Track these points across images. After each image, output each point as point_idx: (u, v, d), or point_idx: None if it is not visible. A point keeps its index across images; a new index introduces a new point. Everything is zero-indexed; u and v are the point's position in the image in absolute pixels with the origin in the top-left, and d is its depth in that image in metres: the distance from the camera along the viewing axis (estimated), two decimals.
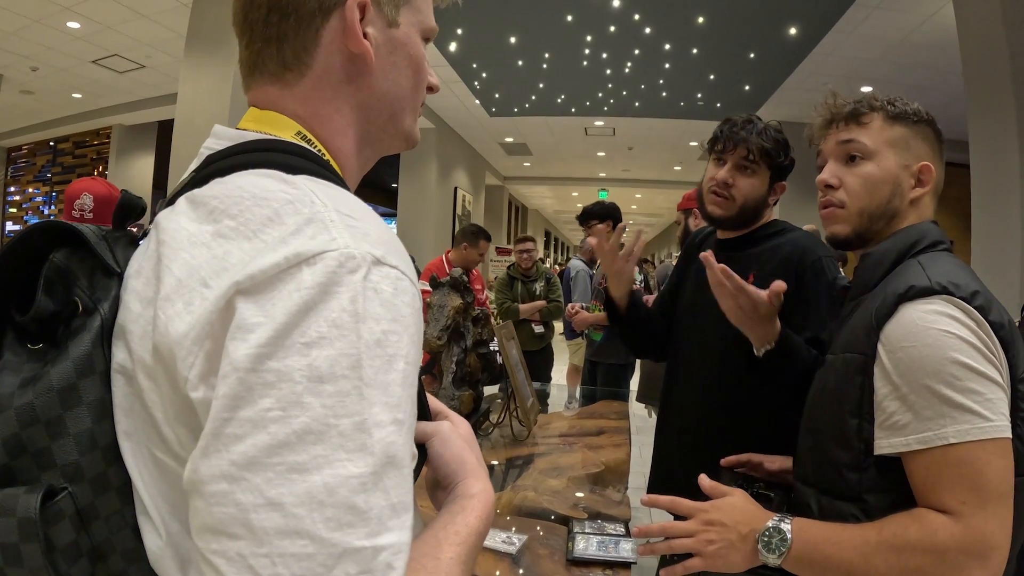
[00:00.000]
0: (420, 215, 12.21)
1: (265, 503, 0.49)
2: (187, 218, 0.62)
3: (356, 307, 0.54)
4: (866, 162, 1.32)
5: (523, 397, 2.78)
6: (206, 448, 0.51)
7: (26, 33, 7.92)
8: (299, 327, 0.52)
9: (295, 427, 0.50)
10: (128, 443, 0.60)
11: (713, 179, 1.94)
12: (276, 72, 0.75)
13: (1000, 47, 4.76)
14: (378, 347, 0.54)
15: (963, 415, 1.04)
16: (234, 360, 0.51)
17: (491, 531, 1.80)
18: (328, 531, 0.49)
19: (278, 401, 0.50)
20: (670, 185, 18.16)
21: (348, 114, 0.79)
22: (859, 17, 6.74)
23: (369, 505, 0.51)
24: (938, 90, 8.23)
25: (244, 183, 0.62)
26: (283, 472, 0.49)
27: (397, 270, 0.59)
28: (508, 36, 8.28)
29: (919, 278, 1.15)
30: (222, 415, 0.50)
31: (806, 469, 1.33)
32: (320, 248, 0.55)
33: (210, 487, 0.50)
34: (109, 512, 0.58)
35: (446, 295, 2.72)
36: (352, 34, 0.74)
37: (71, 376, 0.58)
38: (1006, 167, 4.78)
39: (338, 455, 0.50)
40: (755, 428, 1.74)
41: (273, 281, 0.53)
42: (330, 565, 0.48)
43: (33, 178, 13.60)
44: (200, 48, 6.20)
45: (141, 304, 0.61)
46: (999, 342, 1.09)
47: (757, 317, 1.56)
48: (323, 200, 0.60)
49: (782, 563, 1.15)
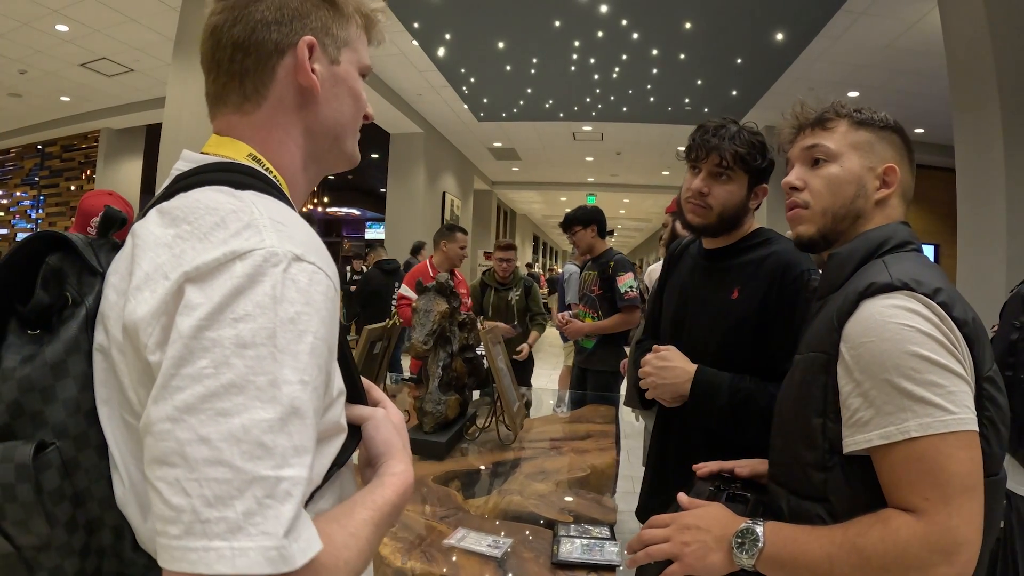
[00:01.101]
0: (408, 220, 12.22)
1: (197, 439, 0.61)
2: (155, 225, 0.76)
3: (275, 292, 0.68)
4: (830, 164, 1.34)
5: (509, 401, 2.78)
6: (156, 397, 0.64)
7: (14, 36, 7.91)
8: (230, 306, 0.66)
9: (223, 381, 0.63)
10: (104, 408, 0.75)
11: (689, 188, 1.94)
12: (237, 103, 0.91)
13: (985, 53, 4.82)
14: (291, 323, 0.68)
15: (924, 408, 1.04)
16: (180, 330, 0.65)
17: (476, 534, 1.81)
18: (242, 461, 0.62)
19: (211, 362, 0.63)
20: (658, 190, 18.25)
21: (297, 137, 0.95)
22: (845, 23, 6.79)
23: (275, 444, 0.64)
24: (924, 95, 8.30)
25: (200, 196, 0.76)
26: (212, 415, 0.62)
27: (314, 266, 0.73)
28: (496, 41, 8.30)
29: (881, 275, 1.15)
30: (170, 371, 0.63)
31: (777, 469, 1.34)
32: (252, 247, 0.69)
33: (157, 426, 0.62)
34: (88, 465, 0.73)
35: (432, 300, 2.72)
36: (302, 69, 0.90)
37: (61, 354, 0.73)
38: (991, 170, 4.83)
39: (254, 404, 0.64)
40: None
41: (213, 271, 0.67)
42: (243, 488, 0.61)
43: (20, 181, 13.57)
44: (188, 52, 6.21)
45: (117, 295, 0.75)
46: (963, 338, 1.09)
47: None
48: (260, 210, 0.74)
49: (755, 564, 1.16)
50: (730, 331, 1.87)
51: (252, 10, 0.89)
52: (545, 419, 3.56)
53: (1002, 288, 4.45)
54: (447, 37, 8.16)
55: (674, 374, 1.85)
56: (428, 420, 2.61)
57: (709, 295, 1.96)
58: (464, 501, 2.14)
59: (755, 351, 1.82)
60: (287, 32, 0.90)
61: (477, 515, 2.02)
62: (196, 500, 0.60)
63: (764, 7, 6.74)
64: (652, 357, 1.92)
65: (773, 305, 1.80)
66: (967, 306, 1.13)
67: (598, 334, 4.65)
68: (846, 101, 1.39)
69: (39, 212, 13.15)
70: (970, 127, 5.12)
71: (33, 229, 13.17)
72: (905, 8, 6.28)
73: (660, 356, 1.91)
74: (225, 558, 0.59)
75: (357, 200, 23.50)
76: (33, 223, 13.25)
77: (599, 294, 4.69)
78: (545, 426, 3.30)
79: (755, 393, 1.74)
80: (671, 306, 2.12)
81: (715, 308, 1.92)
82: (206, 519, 0.60)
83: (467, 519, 1.97)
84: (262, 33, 0.89)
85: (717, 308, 1.92)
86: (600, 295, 4.67)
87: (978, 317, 1.14)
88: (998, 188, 4.73)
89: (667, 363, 1.88)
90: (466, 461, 2.59)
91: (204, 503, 0.60)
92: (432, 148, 12.83)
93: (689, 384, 1.83)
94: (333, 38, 0.95)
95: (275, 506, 0.62)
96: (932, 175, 9.92)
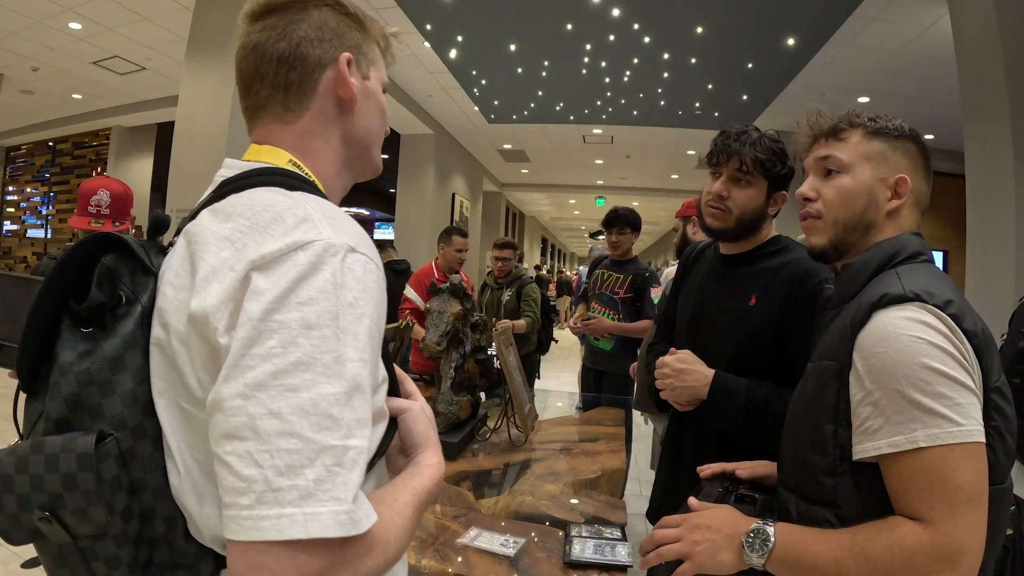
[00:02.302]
0: (418, 221, 12.23)
1: (268, 413, 0.66)
2: (209, 222, 0.81)
3: (336, 278, 0.74)
4: (841, 175, 1.35)
5: (520, 403, 2.79)
6: (226, 376, 0.69)
7: (27, 33, 7.95)
8: (295, 291, 0.71)
9: (291, 359, 0.69)
10: (161, 399, 0.79)
11: (709, 192, 1.96)
12: (280, 113, 0.98)
13: (996, 59, 4.80)
14: (350, 307, 0.74)
15: (933, 419, 1.05)
16: (249, 313, 0.70)
17: (489, 534, 1.83)
18: (312, 432, 0.67)
19: (280, 342, 0.69)
20: (667, 193, 18.19)
21: (336, 146, 1.02)
22: (857, 28, 6.78)
23: (342, 415, 0.69)
24: (935, 101, 8.27)
25: (255, 196, 0.83)
26: (282, 391, 0.67)
27: (366, 256, 0.80)
28: (508, 43, 8.31)
29: (894, 286, 1.16)
30: (240, 351, 0.69)
31: (787, 475, 1.35)
32: (311, 238, 0.75)
33: (228, 403, 0.67)
34: (144, 455, 0.78)
35: (446, 302, 2.74)
36: (344, 82, 0.98)
37: (119, 349, 0.78)
38: (1001, 177, 4.82)
39: (321, 379, 0.69)
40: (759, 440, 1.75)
41: (278, 260, 0.73)
42: (313, 457, 0.66)
43: (32, 178, 13.63)
44: (201, 51, 6.23)
45: (174, 290, 0.80)
46: (972, 350, 1.10)
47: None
48: (313, 207, 0.80)
49: (764, 563, 1.17)
50: (747, 337, 1.88)
51: (294, 28, 0.96)
52: (555, 420, 3.57)
53: (1011, 294, 4.44)
54: (459, 39, 8.17)
55: (693, 377, 1.87)
56: (440, 420, 2.62)
57: (726, 301, 1.97)
58: (476, 501, 2.15)
59: (771, 358, 1.83)
60: (328, 48, 0.97)
61: (489, 515, 2.04)
62: (268, 470, 0.65)
63: (775, 12, 6.73)
64: (671, 359, 1.93)
65: (790, 313, 1.81)
66: (977, 318, 1.15)
67: (620, 335, 4.62)
68: (861, 110, 1.40)
69: (49, 209, 13.20)
70: (980, 134, 5.10)
71: (43, 225, 13.24)
72: (916, 14, 6.27)
73: (679, 358, 1.92)
74: (297, 523, 0.64)
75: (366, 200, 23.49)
76: (43, 219, 13.31)
77: (624, 298, 4.67)
78: (555, 428, 3.32)
79: (771, 399, 1.76)
80: (687, 310, 2.13)
81: (732, 314, 1.93)
82: (278, 487, 0.64)
83: (479, 519, 1.99)
84: (306, 48, 0.96)
85: (734, 314, 1.93)
86: (626, 299, 4.65)
87: (987, 328, 1.15)
88: (1008, 195, 4.72)
89: (686, 365, 1.89)
90: (477, 462, 2.61)
91: (276, 472, 0.65)
92: (442, 149, 12.84)
93: (707, 388, 1.85)
94: (364, 56, 1.03)
95: (343, 473, 0.67)
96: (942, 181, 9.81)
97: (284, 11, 0.97)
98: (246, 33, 0.98)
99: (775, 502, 1.39)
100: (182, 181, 6.16)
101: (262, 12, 0.97)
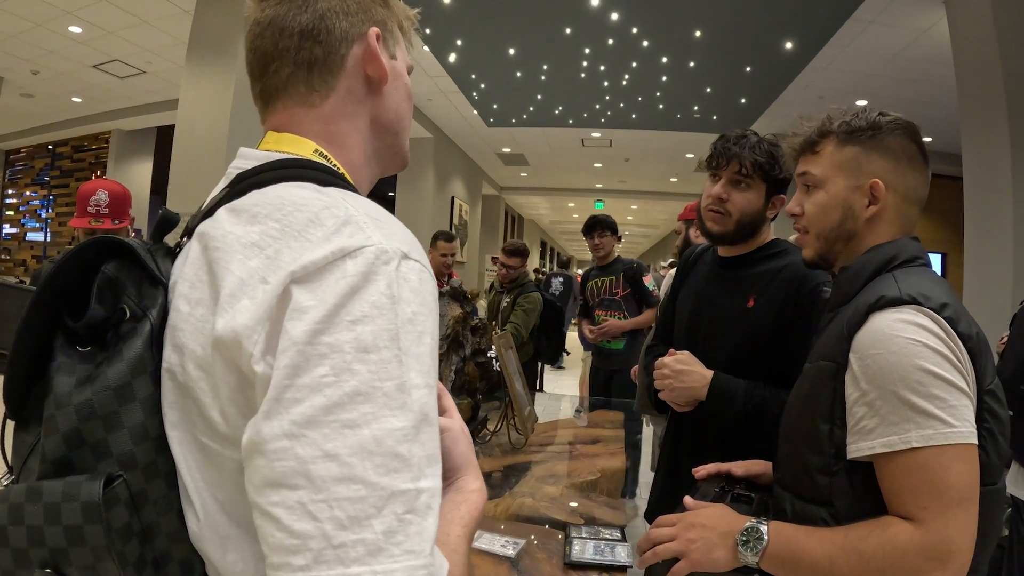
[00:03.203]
0: (417, 224, 12.21)
1: (323, 455, 0.56)
2: (231, 224, 0.70)
3: (392, 291, 0.63)
4: (818, 190, 1.39)
5: (520, 406, 2.80)
6: (268, 412, 0.58)
7: (27, 36, 7.94)
8: (346, 307, 0.60)
9: (346, 390, 0.58)
10: (175, 432, 0.68)
11: (709, 195, 1.97)
12: (303, 94, 0.86)
13: (993, 62, 4.83)
14: (411, 324, 0.63)
15: (927, 420, 1.07)
16: (292, 336, 0.59)
17: (490, 535, 1.84)
18: (378, 476, 0.57)
19: (331, 369, 0.58)
20: (666, 197, 18.20)
21: (364, 129, 0.90)
22: (854, 32, 6.80)
23: (411, 454, 0.59)
24: (932, 103, 8.30)
25: (283, 192, 0.71)
26: (337, 428, 0.57)
27: (420, 263, 0.68)
28: (507, 47, 8.32)
29: (890, 289, 1.18)
30: (283, 382, 0.58)
31: (783, 473, 1.36)
32: (359, 244, 0.64)
33: (272, 445, 0.57)
34: (157, 496, 0.67)
35: (446, 305, 2.76)
36: (374, 58, 0.87)
37: (126, 376, 0.66)
38: (998, 179, 4.84)
39: (383, 412, 0.59)
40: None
41: (322, 271, 0.62)
42: (380, 506, 0.56)
43: (31, 181, 13.61)
44: (202, 55, 6.23)
45: (189, 305, 0.69)
46: (967, 352, 1.12)
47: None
48: (355, 206, 0.69)
49: (759, 561, 1.19)
50: (745, 339, 1.89)
51: (317, 0, 0.85)
52: (555, 423, 3.58)
53: (1009, 296, 4.46)
54: (458, 43, 8.18)
55: (692, 379, 1.88)
56: None
57: (725, 303, 1.99)
58: None
59: (769, 359, 1.85)
60: (355, 22, 0.87)
61: (489, 517, 2.05)
62: (326, 523, 0.55)
63: (774, 16, 6.75)
64: (670, 360, 1.94)
65: (789, 315, 1.82)
66: (972, 321, 1.17)
67: (632, 331, 4.82)
68: (836, 113, 1.40)
69: (49, 212, 13.19)
70: (978, 136, 5.13)
71: (42, 228, 13.23)
72: (914, 17, 6.28)
73: (678, 359, 1.93)
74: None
75: None
76: (43, 223, 13.30)
77: (625, 294, 4.87)
78: (555, 430, 3.33)
79: (769, 400, 1.77)
80: (685, 312, 2.14)
81: (731, 316, 1.95)
82: (340, 543, 0.55)
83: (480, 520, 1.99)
84: (332, 20, 0.85)
85: (733, 316, 1.94)
86: (626, 295, 4.86)
87: (982, 332, 1.17)
88: (1005, 197, 4.74)
89: (685, 367, 1.90)
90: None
91: (336, 526, 0.55)
92: (441, 153, 12.84)
93: (705, 389, 1.86)
94: (391, 34, 0.93)
95: (417, 521, 0.58)
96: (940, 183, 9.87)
97: None
98: (259, 9, 0.87)
99: (771, 501, 1.40)
100: (182, 185, 6.16)
101: None
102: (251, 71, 0.89)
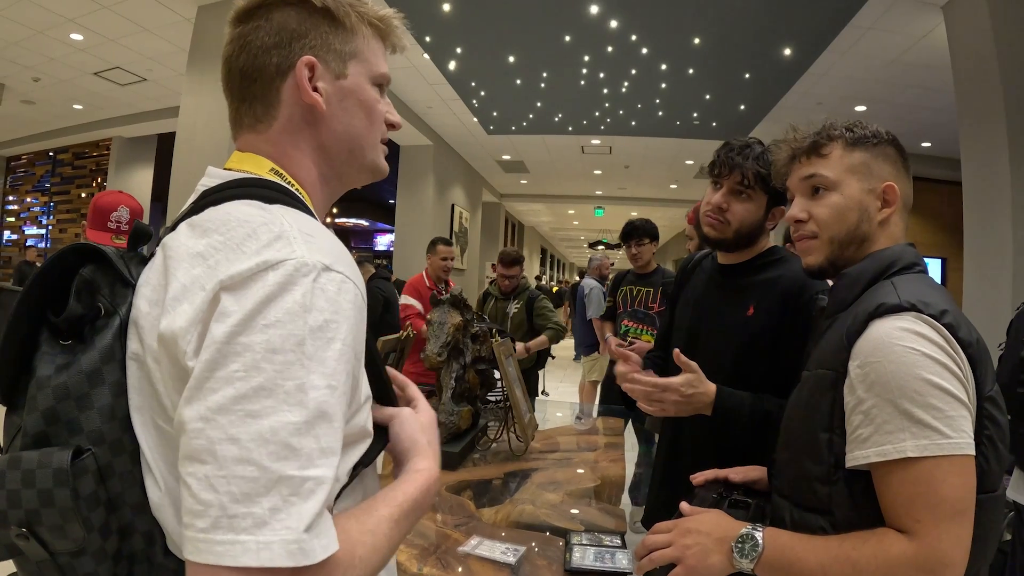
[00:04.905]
0: (417, 231, 12.22)
1: (227, 438, 0.65)
2: (186, 237, 0.80)
3: (305, 300, 0.71)
4: (831, 192, 1.36)
5: (521, 413, 2.80)
6: (189, 398, 0.67)
7: (29, 44, 7.97)
8: (262, 313, 0.69)
9: (253, 384, 0.67)
10: (138, 415, 0.78)
11: (709, 202, 1.97)
12: (251, 124, 0.96)
13: (991, 67, 4.85)
14: (320, 331, 0.72)
15: (923, 430, 1.06)
16: (214, 335, 0.68)
17: (490, 542, 1.84)
18: (269, 461, 0.65)
19: (243, 365, 0.67)
20: (666, 203, 18.22)
21: (310, 154, 0.98)
22: (853, 38, 6.81)
23: (301, 445, 0.67)
24: (931, 109, 8.32)
25: (231, 209, 0.81)
26: (242, 416, 0.66)
27: (342, 275, 0.77)
28: (507, 55, 8.34)
29: (890, 296, 1.17)
30: (204, 374, 0.67)
31: (782, 482, 1.36)
32: (283, 257, 0.73)
33: (190, 425, 0.66)
34: (122, 470, 0.76)
35: (446, 313, 2.76)
36: (303, 89, 0.93)
37: (97, 362, 0.76)
38: (997, 184, 4.86)
39: (282, 407, 0.67)
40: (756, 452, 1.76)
41: (247, 280, 0.71)
42: (269, 487, 0.65)
43: (32, 188, 13.64)
44: (202, 63, 6.26)
45: (149, 305, 0.79)
46: (967, 359, 1.11)
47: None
48: (290, 222, 0.78)
49: (754, 568, 1.19)
50: (745, 347, 1.89)
51: (253, 38, 0.94)
52: (555, 430, 3.58)
53: (1008, 301, 4.47)
54: (458, 51, 8.19)
55: (696, 398, 1.80)
56: (441, 431, 2.61)
57: (725, 310, 1.99)
58: (477, 510, 2.16)
59: (769, 368, 1.84)
60: (286, 54, 0.93)
61: (490, 524, 2.05)
62: (224, 496, 0.64)
63: (772, 22, 6.77)
64: (679, 384, 1.80)
65: (788, 323, 1.82)
66: (971, 327, 1.16)
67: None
68: (837, 121, 1.40)
69: (50, 218, 13.21)
70: (976, 141, 5.15)
71: (43, 235, 13.25)
72: (912, 23, 6.30)
73: (689, 383, 1.80)
74: (250, 551, 0.63)
75: (366, 211, 23.59)
76: (44, 229, 13.32)
77: (660, 311, 4.53)
78: (555, 437, 3.33)
79: (774, 413, 1.75)
80: (685, 320, 2.14)
81: (731, 324, 1.95)
82: (233, 514, 0.64)
83: (480, 527, 2.00)
84: (263, 59, 0.93)
85: (733, 324, 1.94)
86: (662, 312, 4.48)
87: (982, 339, 1.17)
88: (1004, 202, 4.76)
89: (695, 390, 1.79)
90: (478, 471, 2.62)
91: (232, 499, 0.64)
92: (441, 160, 12.86)
93: (710, 408, 1.81)
94: (336, 53, 0.97)
95: (299, 503, 0.66)
96: (939, 189, 9.90)
97: (249, 19, 0.94)
98: (224, 43, 0.98)
99: (768, 507, 1.40)
100: (183, 192, 6.16)
101: (235, 22, 0.96)
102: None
